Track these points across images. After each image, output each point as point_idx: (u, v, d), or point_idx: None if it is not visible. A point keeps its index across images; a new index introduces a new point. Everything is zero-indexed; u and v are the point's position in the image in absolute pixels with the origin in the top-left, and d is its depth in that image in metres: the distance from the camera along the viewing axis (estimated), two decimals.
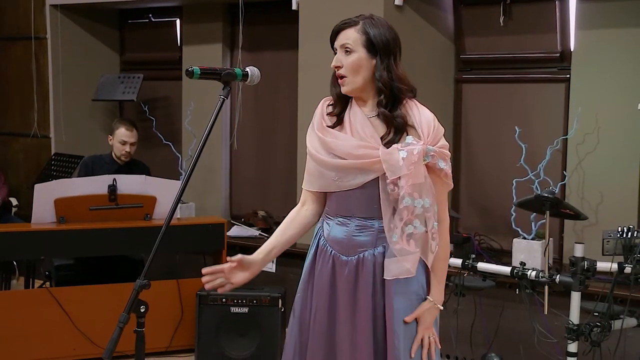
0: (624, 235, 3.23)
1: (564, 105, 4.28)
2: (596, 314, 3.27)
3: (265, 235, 4.98)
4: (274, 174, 5.42)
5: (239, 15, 4.95)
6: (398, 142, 2.24)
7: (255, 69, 2.39)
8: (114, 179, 4.35)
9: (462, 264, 3.60)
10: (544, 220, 3.62)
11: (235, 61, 5.33)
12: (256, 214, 5.23)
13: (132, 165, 4.85)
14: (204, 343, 4.25)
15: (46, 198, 4.24)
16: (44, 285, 4.77)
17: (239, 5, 4.92)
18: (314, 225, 2.46)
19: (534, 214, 3.91)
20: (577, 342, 3.26)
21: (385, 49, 2.27)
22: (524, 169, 3.98)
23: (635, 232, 3.23)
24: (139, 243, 4.31)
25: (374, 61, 2.27)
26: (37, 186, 4.31)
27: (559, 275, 3.33)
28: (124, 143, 4.75)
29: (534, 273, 3.39)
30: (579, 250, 3.26)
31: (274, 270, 4.84)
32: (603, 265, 3.25)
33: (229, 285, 2.31)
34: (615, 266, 3.21)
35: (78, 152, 5.38)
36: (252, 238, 4.98)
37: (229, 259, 2.31)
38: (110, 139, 4.81)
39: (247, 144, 5.47)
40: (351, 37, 2.27)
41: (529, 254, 3.84)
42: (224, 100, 2.27)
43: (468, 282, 3.71)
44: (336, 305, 2.34)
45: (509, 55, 4.47)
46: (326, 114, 2.36)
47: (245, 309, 4.23)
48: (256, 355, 4.23)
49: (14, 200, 5.86)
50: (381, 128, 2.29)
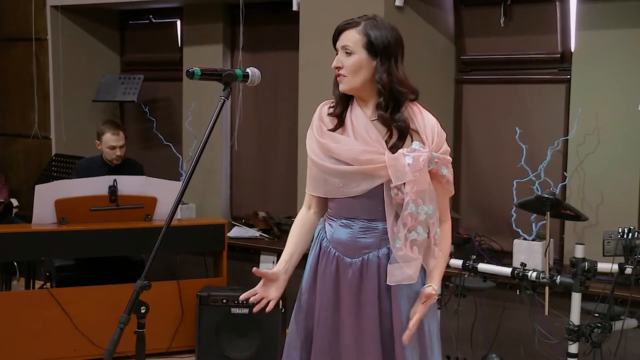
0: (625, 236, 3.23)
1: (564, 106, 4.28)
2: (597, 314, 3.27)
3: (266, 236, 4.98)
4: (274, 175, 5.42)
5: (239, 16, 4.95)
6: (403, 147, 2.24)
7: (255, 69, 2.39)
8: (115, 180, 4.35)
9: (463, 264, 3.60)
10: (545, 221, 3.62)
11: (236, 62, 5.33)
12: (257, 215, 5.23)
13: (124, 166, 4.82)
14: (205, 344, 4.25)
15: (47, 199, 4.24)
16: (45, 286, 4.77)
17: (239, 5, 4.92)
18: None
19: (535, 214, 3.90)
20: (578, 343, 3.26)
21: (385, 51, 2.26)
22: (524, 169, 3.97)
23: (636, 233, 3.23)
24: (140, 244, 4.32)
25: (374, 63, 2.26)
26: (38, 187, 4.31)
27: (559, 276, 3.33)
28: (113, 148, 4.71)
29: (534, 274, 3.39)
30: (579, 251, 3.26)
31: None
32: (603, 266, 3.25)
33: (272, 302, 2.36)
34: (615, 267, 3.21)
35: (79, 153, 5.39)
36: (253, 239, 4.98)
37: (255, 270, 2.31)
38: (98, 144, 4.76)
39: (248, 145, 5.47)
40: (352, 39, 2.26)
41: (530, 254, 3.84)
42: (224, 101, 2.27)
43: (469, 283, 3.71)
44: (340, 307, 2.33)
45: (510, 56, 4.47)
46: (327, 114, 2.35)
47: (245, 310, 4.23)
48: (256, 356, 4.23)
49: (15, 201, 5.86)
50: (384, 131, 2.28)
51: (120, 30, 6.20)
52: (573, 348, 3.26)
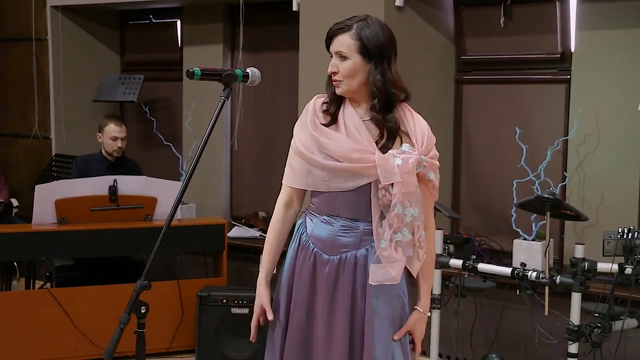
0: (625, 236, 3.23)
1: (564, 106, 4.28)
2: (597, 314, 3.27)
3: (265, 236, 4.97)
4: (274, 175, 5.40)
5: (239, 16, 4.95)
6: (392, 148, 2.25)
7: (255, 69, 2.39)
8: (115, 180, 4.35)
9: (463, 264, 3.60)
10: (545, 221, 3.62)
11: (236, 62, 5.33)
12: (257, 215, 5.23)
13: (123, 163, 4.86)
14: (205, 344, 4.25)
15: (47, 199, 4.24)
16: (45, 286, 4.77)
17: (239, 6, 4.92)
18: None
19: (535, 214, 3.91)
20: (578, 343, 3.26)
21: (379, 53, 2.26)
22: (524, 169, 3.98)
23: (636, 233, 3.23)
24: (140, 244, 4.32)
25: (369, 66, 2.27)
26: (38, 187, 4.31)
27: (559, 276, 3.33)
28: (115, 139, 4.76)
29: (534, 274, 3.39)
30: (579, 251, 3.26)
31: (274, 271, 4.84)
32: (603, 266, 3.25)
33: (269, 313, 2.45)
34: (615, 267, 3.22)
35: (79, 153, 5.38)
36: (253, 239, 4.99)
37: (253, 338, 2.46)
38: (100, 137, 4.81)
39: (248, 145, 5.47)
40: (345, 44, 2.26)
41: (530, 254, 3.84)
42: (224, 101, 2.27)
43: (468, 283, 3.71)
44: (315, 303, 2.35)
45: (510, 56, 4.47)
46: (320, 110, 2.36)
47: (245, 310, 4.23)
48: (256, 356, 4.23)
49: (15, 201, 5.86)
50: (375, 132, 2.29)
51: (121, 30, 6.20)
52: (573, 348, 3.26)
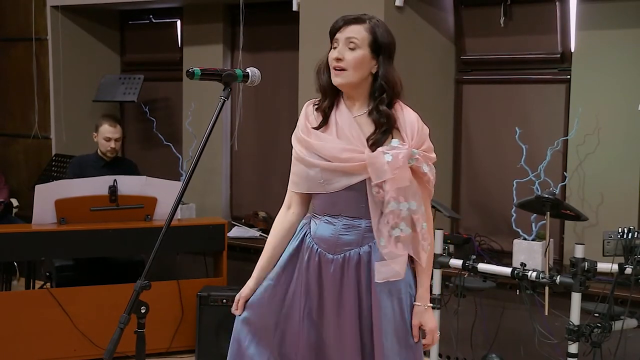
0: (625, 236, 3.24)
1: (564, 106, 4.28)
2: (597, 314, 3.27)
3: (266, 236, 4.96)
4: (274, 175, 5.42)
5: (239, 16, 4.94)
6: (383, 144, 2.26)
7: (255, 70, 2.40)
8: (115, 180, 4.35)
9: (463, 264, 3.60)
10: (545, 221, 3.62)
11: (236, 62, 5.33)
12: (257, 215, 5.23)
13: (119, 163, 4.87)
14: (205, 344, 4.25)
15: (47, 199, 4.24)
16: (45, 286, 4.77)
17: (239, 6, 4.92)
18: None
19: (535, 214, 3.91)
20: (578, 343, 3.27)
21: (387, 51, 2.31)
22: (524, 169, 3.98)
23: (636, 233, 3.23)
24: (140, 244, 4.32)
25: (375, 61, 2.30)
26: (38, 187, 4.31)
27: (559, 276, 3.33)
28: (109, 139, 4.75)
29: (534, 274, 3.39)
30: (579, 251, 3.27)
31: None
32: (603, 266, 3.25)
33: None
34: (615, 267, 3.22)
35: (79, 153, 5.38)
36: (253, 239, 4.98)
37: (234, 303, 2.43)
38: (95, 136, 4.81)
39: (248, 145, 5.47)
40: (359, 34, 2.29)
41: (530, 254, 3.84)
42: (224, 101, 2.27)
43: (468, 283, 3.72)
44: (323, 303, 2.36)
45: (510, 56, 4.47)
46: (313, 112, 2.39)
47: None
48: None
49: (15, 201, 5.86)
50: (367, 127, 2.31)
51: (121, 30, 6.20)
52: (573, 348, 3.26)
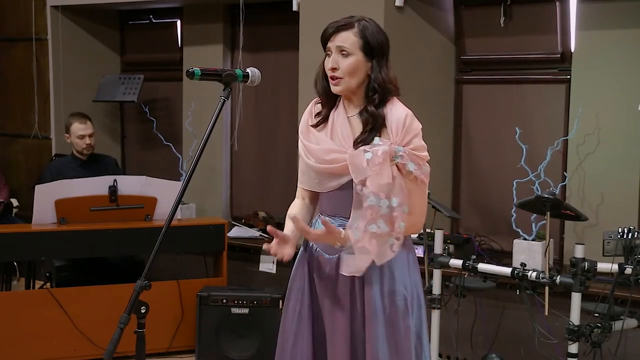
0: (625, 236, 3.23)
1: (564, 106, 4.27)
2: (597, 314, 3.27)
3: (266, 236, 4.98)
4: (274, 175, 5.42)
5: (239, 16, 4.94)
6: (369, 143, 2.25)
7: (255, 69, 2.40)
8: (115, 180, 4.35)
9: (463, 264, 3.60)
10: (545, 221, 3.62)
11: (236, 62, 5.33)
12: (257, 215, 5.23)
13: (97, 160, 4.88)
14: (205, 344, 4.25)
15: (47, 199, 4.24)
16: (45, 286, 4.77)
17: (239, 6, 4.92)
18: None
19: (535, 214, 3.90)
20: (578, 343, 3.26)
21: (380, 51, 2.30)
22: (524, 169, 3.97)
23: (636, 233, 3.23)
24: (140, 244, 4.32)
25: (370, 64, 2.29)
26: (38, 187, 4.31)
27: (559, 276, 3.33)
28: (82, 137, 4.77)
29: (534, 274, 3.39)
30: (579, 251, 3.26)
31: (274, 271, 4.85)
32: (603, 266, 3.25)
33: (287, 257, 2.28)
34: (615, 267, 3.21)
35: None
36: (253, 239, 4.98)
37: (270, 228, 2.25)
38: (67, 137, 4.82)
39: (248, 145, 5.47)
40: (349, 40, 2.28)
41: (530, 254, 3.84)
42: (224, 101, 2.27)
43: (468, 283, 3.71)
44: (322, 302, 2.38)
45: (510, 56, 4.47)
46: (315, 114, 2.40)
47: (245, 310, 4.23)
48: (256, 356, 4.23)
49: (15, 201, 5.86)
50: (359, 128, 2.31)
51: (120, 30, 6.20)
52: (573, 348, 3.26)
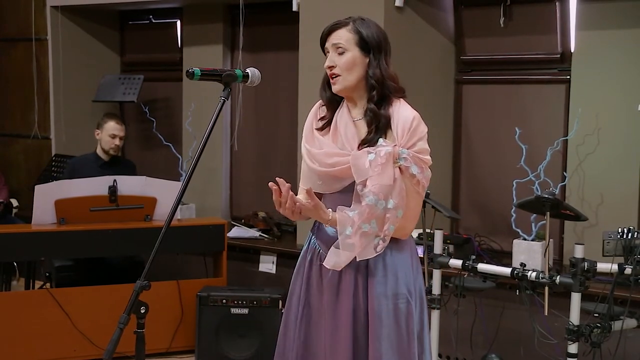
0: (624, 236, 3.23)
1: (564, 106, 4.28)
2: (596, 315, 3.26)
3: (265, 236, 4.98)
4: (274, 175, 5.33)
5: (239, 16, 4.94)
6: (373, 145, 2.24)
7: (255, 70, 2.40)
8: (115, 180, 4.35)
9: (463, 264, 3.60)
10: (544, 221, 3.62)
11: (236, 62, 5.33)
12: (256, 215, 5.23)
13: (118, 162, 4.86)
14: (204, 344, 4.25)
15: (47, 199, 4.24)
16: (45, 286, 4.77)
17: (239, 6, 4.92)
18: None
19: (534, 215, 3.91)
20: (578, 343, 3.26)
21: (377, 46, 2.30)
22: (524, 170, 3.98)
23: (636, 233, 3.23)
24: (140, 244, 4.32)
25: (367, 59, 2.29)
26: (38, 187, 4.31)
27: (559, 276, 3.32)
28: (114, 137, 4.75)
29: (534, 274, 3.39)
30: (579, 251, 3.26)
31: (274, 272, 4.84)
32: (603, 266, 3.25)
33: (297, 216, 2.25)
34: (615, 267, 3.21)
35: (79, 153, 5.38)
36: (253, 239, 4.98)
37: (278, 181, 2.19)
38: (98, 133, 4.80)
39: (248, 145, 5.47)
40: (343, 37, 2.29)
41: (529, 254, 3.84)
42: (224, 101, 2.27)
43: (468, 283, 3.71)
44: (322, 305, 2.37)
45: (509, 56, 4.47)
46: (319, 117, 2.40)
47: (245, 310, 4.23)
48: (256, 357, 4.23)
49: (15, 201, 5.86)
50: (365, 131, 2.30)
51: (120, 30, 6.20)
52: (573, 348, 3.26)
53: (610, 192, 4.00)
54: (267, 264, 4.86)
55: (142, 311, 2.21)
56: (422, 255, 3.82)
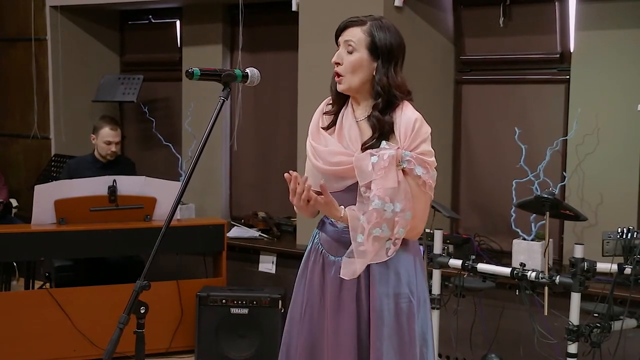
0: (624, 236, 3.23)
1: (563, 106, 4.28)
2: (596, 314, 3.27)
3: (265, 236, 4.98)
4: (273, 175, 5.42)
5: (239, 16, 4.94)
6: (376, 148, 2.24)
7: (255, 70, 2.39)
8: (114, 180, 4.35)
9: (462, 264, 3.60)
10: (544, 221, 3.62)
11: (235, 62, 5.33)
12: (256, 215, 5.23)
13: (116, 162, 4.82)
14: (204, 344, 4.25)
15: (46, 199, 4.24)
16: (44, 287, 4.77)
17: (239, 6, 4.92)
18: None
19: (534, 215, 3.91)
20: (577, 343, 3.26)
21: (388, 54, 2.27)
22: (523, 170, 3.98)
23: (635, 233, 3.23)
24: (139, 244, 4.32)
25: (375, 64, 2.27)
26: (37, 187, 4.31)
27: (558, 276, 3.33)
28: (109, 143, 4.71)
29: (533, 274, 3.39)
30: (578, 251, 3.26)
31: (274, 272, 4.84)
32: (603, 266, 3.25)
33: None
34: (615, 267, 3.21)
35: (78, 153, 5.38)
36: (252, 239, 4.98)
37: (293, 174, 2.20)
38: (93, 138, 4.74)
39: (247, 145, 5.47)
40: (356, 36, 2.27)
41: (529, 254, 3.84)
42: (223, 101, 2.27)
43: (468, 283, 3.71)
44: (325, 304, 2.37)
45: (509, 56, 4.47)
46: (325, 111, 2.39)
47: (245, 310, 4.23)
48: (256, 357, 4.23)
49: (14, 201, 5.86)
50: (368, 132, 2.29)
51: (120, 30, 6.20)
52: (572, 348, 3.26)
53: (609, 192, 4.00)
54: (267, 264, 4.86)
55: (142, 311, 2.21)
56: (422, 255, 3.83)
